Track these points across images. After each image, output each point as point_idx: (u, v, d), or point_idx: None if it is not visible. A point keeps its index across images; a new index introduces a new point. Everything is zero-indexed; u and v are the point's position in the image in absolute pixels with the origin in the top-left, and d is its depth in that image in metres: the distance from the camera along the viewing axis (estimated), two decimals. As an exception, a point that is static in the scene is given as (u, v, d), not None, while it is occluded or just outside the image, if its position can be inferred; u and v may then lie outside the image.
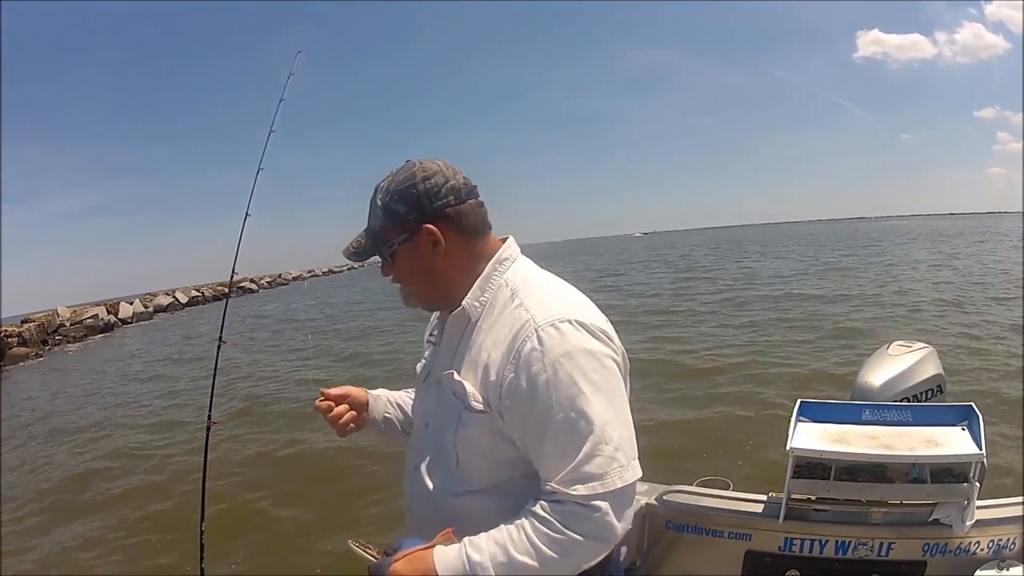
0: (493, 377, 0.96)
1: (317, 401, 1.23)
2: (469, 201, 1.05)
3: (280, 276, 46.56)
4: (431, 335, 1.21)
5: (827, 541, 1.73)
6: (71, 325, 21.48)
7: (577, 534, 0.88)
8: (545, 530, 0.89)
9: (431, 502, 1.03)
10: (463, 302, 1.04)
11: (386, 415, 1.31)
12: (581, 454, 0.89)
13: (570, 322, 0.94)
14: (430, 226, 1.02)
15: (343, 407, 1.24)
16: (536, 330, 0.93)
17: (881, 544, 1.70)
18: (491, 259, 1.06)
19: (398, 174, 1.05)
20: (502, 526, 0.92)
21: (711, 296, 14.45)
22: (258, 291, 37.44)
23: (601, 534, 0.90)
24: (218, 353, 1.41)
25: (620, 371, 1.00)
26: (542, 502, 0.91)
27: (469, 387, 0.99)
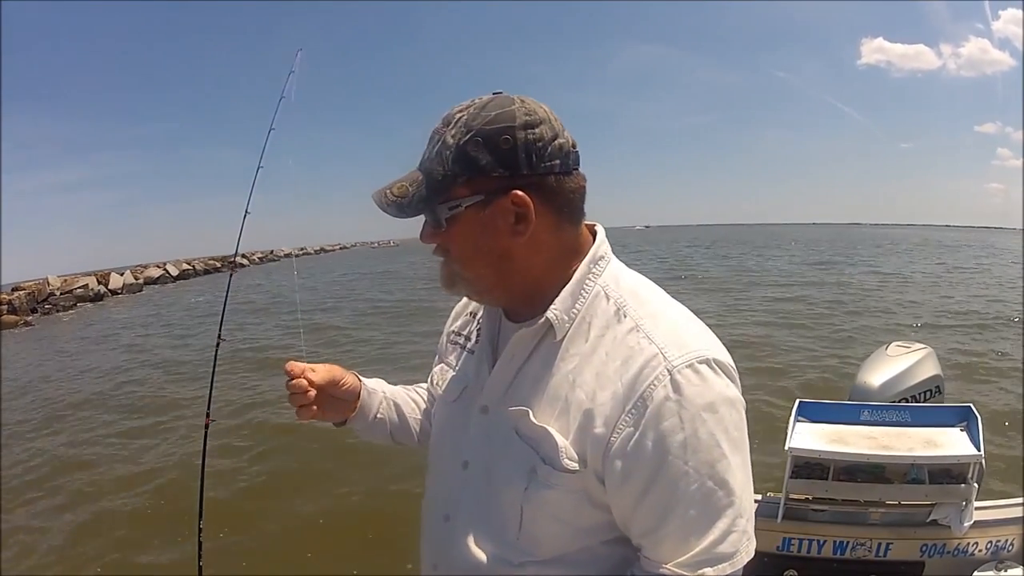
0: (599, 428, 0.72)
1: (293, 381, 0.92)
2: (575, 172, 0.77)
3: (272, 252, 46.37)
4: (461, 333, 0.93)
5: (825, 541, 1.73)
6: (61, 294, 21.20)
7: None
8: None
9: (474, 568, 0.80)
10: (548, 313, 0.76)
11: (378, 416, 1.03)
12: (716, 532, 0.70)
13: (709, 362, 0.72)
14: (521, 194, 0.73)
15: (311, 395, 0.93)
16: (670, 371, 0.70)
17: (879, 544, 1.70)
18: (583, 256, 0.80)
19: (487, 107, 0.74)
20: None
21: (707, 292, 14.48)
22: (249, 266, 37.25)
23: None
24: (217, 351, 1.38)
25: None
26: None
27: (558, 437, 0.73)
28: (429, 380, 1.00)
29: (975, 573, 1.62)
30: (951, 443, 1.69)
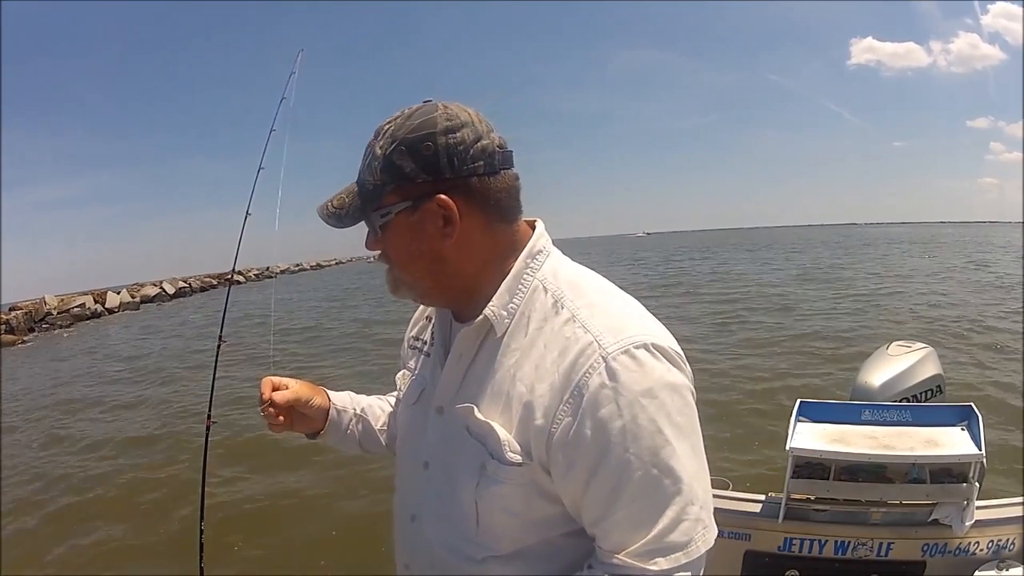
0: (539, 420, 0.72)
1: (265, 408, 0.99)
2: (504, 171, 0.78)
3: (267, 269, 46.68)
4: (419, 338, 0.96)
5: (826, 541, 1.73)
6: (58, 314, 21.44)
7: None
8: None
9: (439, 566, 0.82)
10: (486, 310, 0.77)
11: (348, 432, 1.08)
12: (665, 520, 0.70)
13: (647, 347, 0.71)
14: (444, 197, 0.75)
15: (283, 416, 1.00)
16: (604, 359, 0.70)
17: (880, 544, 1.70)
18: (521, 252, 0.80)
19: (412, 116, 0.76)
20: None
21: (707, 294, 14.50)
22: (245, 283, 37.28)
23: None
24: (218, 352, 1.39)
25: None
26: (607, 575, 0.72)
27: (501, 432, 0.74)
28: (396, 386, 1.03)
29: (976, 572, 1.62)
30: (952, 442, 1.69)
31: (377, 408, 1.12)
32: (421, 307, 0.98)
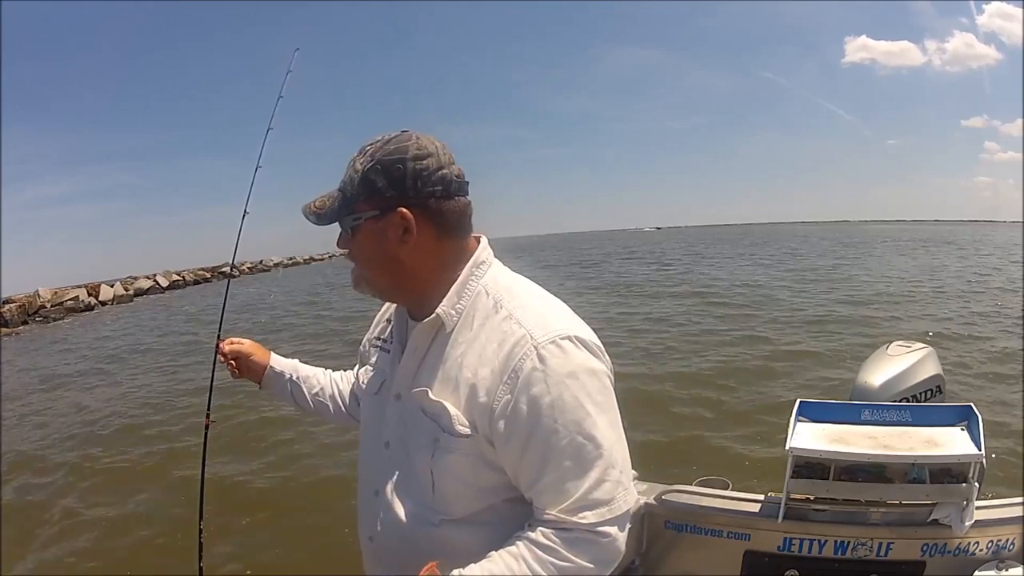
0: (482, 398, 0.86)
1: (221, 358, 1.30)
2: (457, 197, 0.94)
3: (261, 262, 46.48)
4: (380, 338, 1.10)
5: (826, 541, 1.73)
6: (52, 307, 21.48)
7: (586, 561, 0.84)
8: (549, 558, 0.83)
9: (402, 533, 0.94)
10: (438, 309, 0.92)
11: (281, 389, 1.29)
12: (590, 480, 0.84)
13: (571, 339, 0.87)
14: (404, 211, 0.90)
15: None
16: (535, 347, 0.85)
17: (880, 544, 1.70)
18: (467, 262, 0.95)
19: (389, 142, 0.92)
20: (494, 555, 0.85)
21: (713, 294, 14.49)
22: (239, 276, 37.08)
23: (609, 558, 0.87)
24: (216, 350, 1.38)
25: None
26: (542, 528, 0.85)
27: (451, 408, 0.88)
28: (355, 378, 1.23)
29: (976, 572, 1.62)
30: (952, 442, 1.69)
31: (314, 380, 1.30)
32: (381, 311, 1.14)
